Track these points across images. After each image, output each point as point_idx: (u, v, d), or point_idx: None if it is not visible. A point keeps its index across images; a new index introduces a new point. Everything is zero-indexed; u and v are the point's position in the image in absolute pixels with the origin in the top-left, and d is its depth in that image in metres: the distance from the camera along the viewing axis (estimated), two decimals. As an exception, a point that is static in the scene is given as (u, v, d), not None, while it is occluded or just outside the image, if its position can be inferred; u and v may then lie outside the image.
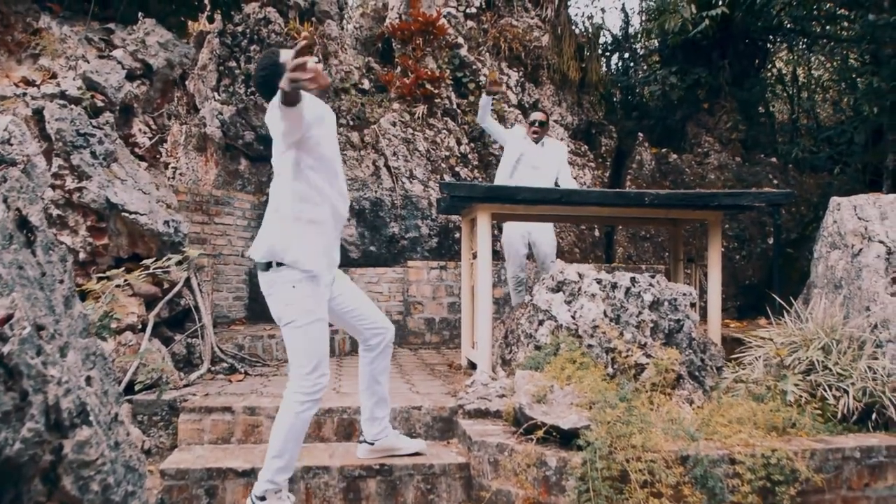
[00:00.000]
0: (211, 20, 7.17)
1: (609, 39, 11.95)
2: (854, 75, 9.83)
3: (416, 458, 3.58)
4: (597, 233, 9.05)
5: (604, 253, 9.20)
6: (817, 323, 4.66)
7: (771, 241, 9.34)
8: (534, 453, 3.28)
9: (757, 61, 11.42)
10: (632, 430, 3.19)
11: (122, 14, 5.44)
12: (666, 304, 4.34)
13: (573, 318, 4.31)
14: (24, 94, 4.20)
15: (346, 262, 7.52)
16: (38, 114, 4.05)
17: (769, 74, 12.79)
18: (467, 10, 8.73)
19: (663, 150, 9.94)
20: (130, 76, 4.55)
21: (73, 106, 4.08)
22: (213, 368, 4.80)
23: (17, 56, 4.84)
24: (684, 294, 4.69)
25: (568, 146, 8.76)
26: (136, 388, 4.02)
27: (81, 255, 4.20)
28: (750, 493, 3.22)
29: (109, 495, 2.38)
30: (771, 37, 10.98)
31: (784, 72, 13.69)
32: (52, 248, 2.88)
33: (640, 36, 11.25)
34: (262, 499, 3.12)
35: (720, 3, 8.64)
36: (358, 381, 3.45)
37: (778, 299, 5.28)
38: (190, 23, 7.43)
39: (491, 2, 8.99)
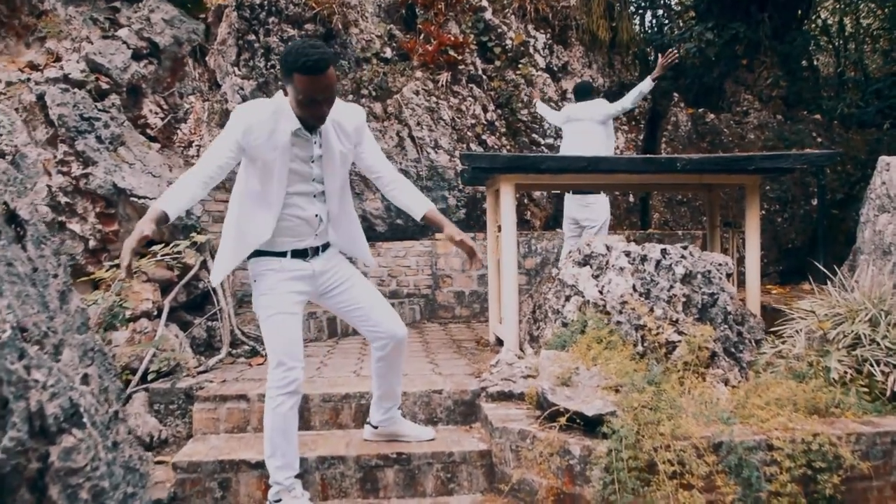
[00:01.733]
0: (227, -7, 7.00)
1: (642, -5, 11.51)
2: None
3: (434, 446, 3.44)
4: (631, 198, 8.77)
5: (639, 219, 8.92)
6: (864, 292, 4.38)
7: (815, 202, 8.94)
8: (556, 441, 3.11)
9: (800, 12, 10.89)
10: (660, 417, 3.00)
11: (131, -9, 5.31)
12: (699, 276, 4.11)
13: (601, 293, 4.10)
14: (28, 80, 4.09)
15: (373, 236, 7.38)
16: (42, 99, 3.94)
17: (813, 26, 12.23)
18: (491, -29, 8.42)
19: (700, 110, 9.55)
20: (137, 56, 4.41)
21: (76, 90, 3.96)
22: (233, 352, 4.71)
23: (24, 39, 4.74)
24: (720, 265, 4.44)
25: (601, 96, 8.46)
26: (150, 377, 3.93)
27: (91, 243, 4.11)
28: (789, 481, 3.01)
29: (103, 500, 2.27)
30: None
31: (830, 22, 13.08)
32: (45, 242, 2.76)
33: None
34: (279, 500, 3.06)
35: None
36: None
37: (820, 266, 5.00)
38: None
39: (516, -39, 8.66)
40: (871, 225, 5.05)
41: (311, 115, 2.83)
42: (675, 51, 6.32)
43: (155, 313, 4.25)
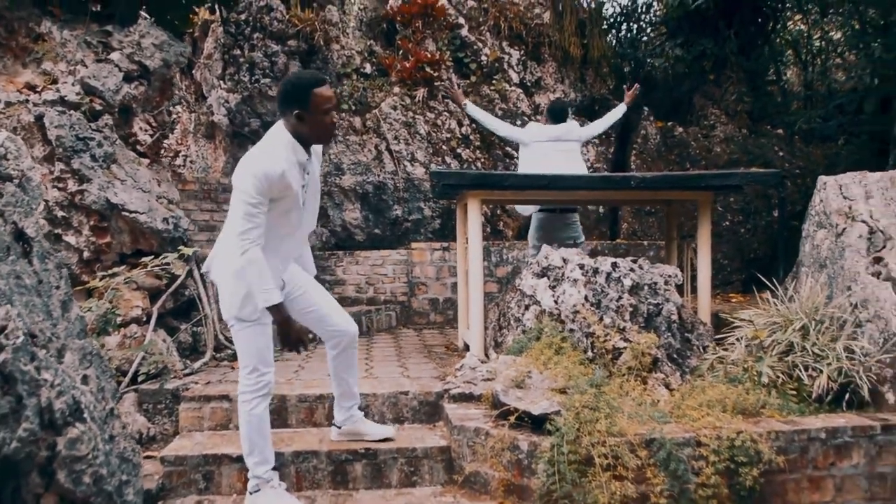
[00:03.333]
0: (213, 11, 7.33)
1: (616, 12, 11.92)
2: (860, 43, 9.72)
3: (400, 442, 3.79)
4: (601, 210, 9.15)
5: (608, 229, 9.31)
6: (802, 303, 4.77)
7: (776, 213, 9.38)
8: (507, 437, 3.47)
9: (769, 27, 11.33)
10: (598, 416, 3.37)
11: (121, 13, 5.62)
12: (646, 288, 4.49)
13: (556, 303, 4.47)
14: (27, 101, 4.41)
15: (352, 245, 7.72)
16: (40, 120, 4.26)
17: (780, 41, 12.66)
18: (468, -10, 8.80)
19: (669, 123, 9.97)
20: (128, 78, 4.74)
21: (72, 112, 4.29)
22: (216, 356, 5.04)
23: (21, 60, 5.05)
24: (669, 276, 4.82)
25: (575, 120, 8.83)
26: (140, 378, 4.26)
27: (86, 254, 4.44)
28: (713, 474, 3.38)
29: (102, 485, 2.61)
30: (779, 3, 10.86)
31: (798, 37, 13.53)
32: (48, 257, 3.10)
33: (644, 8, 11.20)
34: (257, 491, 3.38)
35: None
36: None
37: (764, 279, 5.39)
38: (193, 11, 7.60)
39: (492, -20, 9.05)
40: (810, 240, 5.44)
41: (330, 126, 3.21)
42: (638, 84, 6.72)
43: (144, 319, 4.57)
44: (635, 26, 12.07)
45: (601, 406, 3.44)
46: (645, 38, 11.93)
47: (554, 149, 6.02)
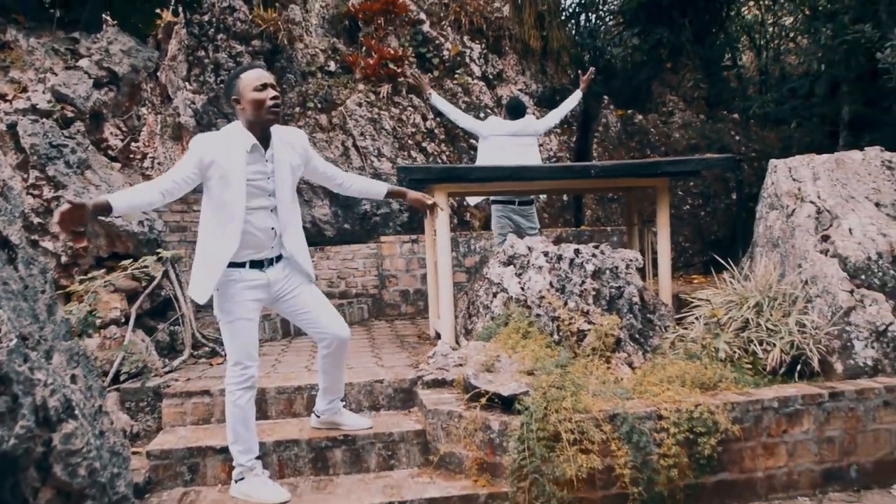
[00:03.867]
0: (176, 13, 7.40)
1: (576, 2, 12.14)
2: (812, 29, 10.03)
3: (377, 428, 3.97)
4: (565, 197, 9.37)
5: (573, 216, 9.53)
6: (757, 281, 5.03)
7: (735, 196, 9.68)
8: (479, 419, 3.66)
9: (724, 14, 11.62)
10: (564, 395, 3.57)
11: (86, 18, 5.69)
12: (608, 272, 4.70)
13: (522, 289, 4.67)
14: (-2, 110, 4.49)
15: (323, 241, 7.85)
16: (12, 128, 4.35)
17: (734, 28, 12.96)
18: (429, -15, 8.96)
19: (629, 111, 10.21)
20: (97, 84, 4.83)
21: (44, 120, 4.38)
22: (195, 353, 5.16)
23: (-12, 68, 5.10)
24: (631, 260, 5.04)
25: (533, 113, 9.03)
26: (122, 377, 4.38)
27: (63, 259, 4.54)
28: (674, 445, 3.60)
29: (96, 478, 2.75)
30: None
31: (752, 23, 13.85)
32: (33, 263, 3.22)
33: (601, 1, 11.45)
34: (241, 479, 3.56)
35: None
36: None
37: (720, 260, 5.64)
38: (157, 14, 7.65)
39: (452, -25, 9.20)
40: (763, 221, 5.70)
41: (264, 102, 3.34)
42: (594, 69, 6.94)
43: (123, 320, 4.68)
44: (594, 16, 12.31)
45: (567, 385, 3.64)
46: (604, 28, 12.17)
47: (511, 143, 6.29)
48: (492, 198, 6.61)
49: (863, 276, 4.70)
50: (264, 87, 3.34)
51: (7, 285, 2.90)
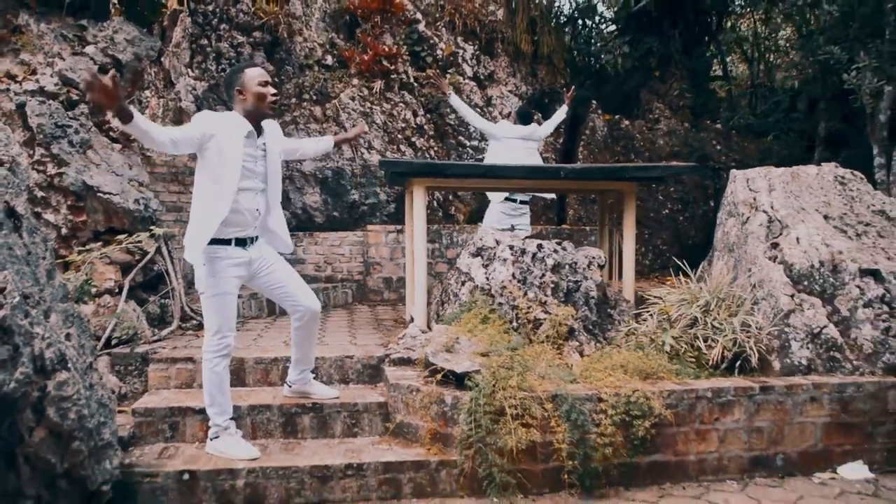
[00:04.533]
0: (182, 2, 7.74)
1: (574, 8, 12.48)
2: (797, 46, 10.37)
3: (343, 398, 4.33)
4: (547, 197, 9.72)
5: (556, 215, 9.89)
6: (710, 283, 5.39)
7: (712, 203, 10.04)
8: (435, 393, 4.03)
9: (715, 26, 11.97)
10: (511, 374, 3.93)
11: (95, 4, 6.03)
12: (567, 267, 5.06)
13: (487, 279, 5.03)
14: (8, 90, 4.84)
15: (312, 227, 8.21)
16: (21, 108, 4.70)
17: (726, 41, 13.30)
18: (427, -13, 9.31)
19: (616, 116, 10.57)
20: (102, 70, 5.17)
21: (51, 101, 4.74)
22: (182, 325, 5.52)
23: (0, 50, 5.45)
24: (593, 257, 5.40)
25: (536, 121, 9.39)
26: (113, 342, 4.74)
27: (63, 231, 4.90)
28: (610, 425, 3.97)
29: (84, 423, 3.12)
30: (722, 7, 11.48)
31: (747, 35, 14.19)
32: (36, 232, 3.58)
33: (598, 7, 11.78)
34: (216, 437, 3.93)
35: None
36: None
37: (678, 261, 6.00)
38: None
39: (450, -24, 9.54)
40: (722, 226, 6.07)
41: (265, 95, 3.79)
42: (575, 89, 7.51)
43: (116, 291, 5.04)
44: (590, 23, 12.65)
45: (515, 366, 4.01)
46: (598, 35, 12.52)
47: (520, 146, 7.04)
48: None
49: (805, 283, 5.05)
50: (266, 83, 3.77)
51: (12, 250, 3.26)
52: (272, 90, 3.83)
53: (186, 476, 3.70)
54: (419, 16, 9.02)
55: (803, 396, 4.39)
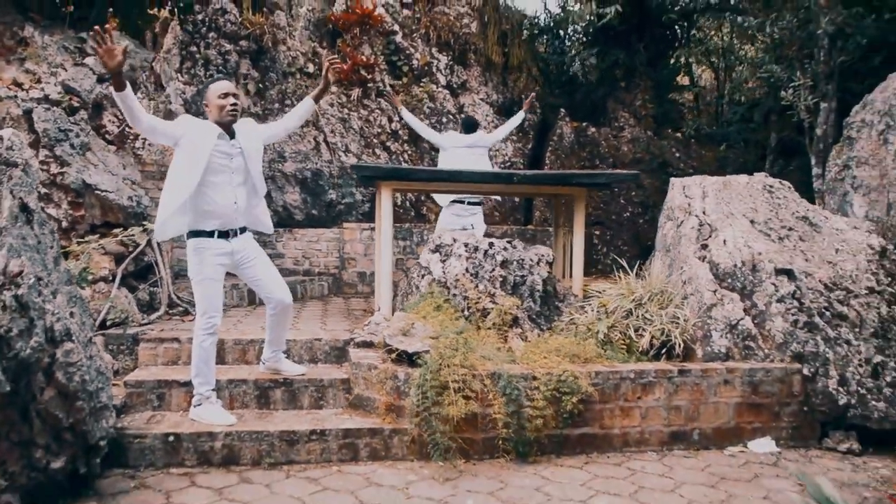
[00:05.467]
0: (173, 13, 8.30)
1: (545, 20, 13.11)
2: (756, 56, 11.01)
3: (311, 375, 4.93)
4: (516, 199, 10.35)
5: (523, 216, 10.51)
6: (649, 280, 6.00)
7: (671, 206, 10.66)
8: (390, 370, 4.63)
9: (679, 40, 12.64)
10: (455, 354, 4.54)
11: (94, 16, 6.61)
12: (514, 263, 5.67)
13: (444, 273, 5.63)
14: (15, 97, 5.41)
15: (291, 224, 8.80)
16: (28, 114, 5.28)
17: (697, 50, 13.94)
18: (405, 0, 9.91)
19: (583, 123, 11.20)
20: (100, 79, 5.76)
21: (54, 108, 5.31)
22: (169, 311, 6.10)
23: (6, 58, 6.02)
24: (542, 255, 6.00)
25: (493, 121, 10.01)
26: (108, 324, 5.32)
27: (64, 224, 5.48)
28: (542, 399, 4.56)
29: (86, 386, 3.71)
30: (685, 23, 12.13)
31: (715, 47, 14.85)
32: (45, 224, 4.16)
33: (569, 20, 12.38)
34: (199, 405, 4.51)
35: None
36: None
37: (620, 260, 6.62)
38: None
39: (427, -10, 10.15)
40: (661, 229, 6.70)
41: (229, 107, 4.40)
42: (535, 95, 8.08)
43: (110, 278, 5.62)
44: (563, 33, 13.28)
45: (459, 347, 4.62)
46: (570, 45, 13.15)
47: (467, 154, 7.53)
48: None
49: (729, 280, 5.68)
50: (226, 95, 4.34)
51: (25, 240, 3.83)
52: (231, 100, 4.41)
53: (171, 438, 4.28)
54: (396, 27, 9.62)
55: (717, 379, 4.98)
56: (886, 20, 7.88)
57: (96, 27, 3.89)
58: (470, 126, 7.81)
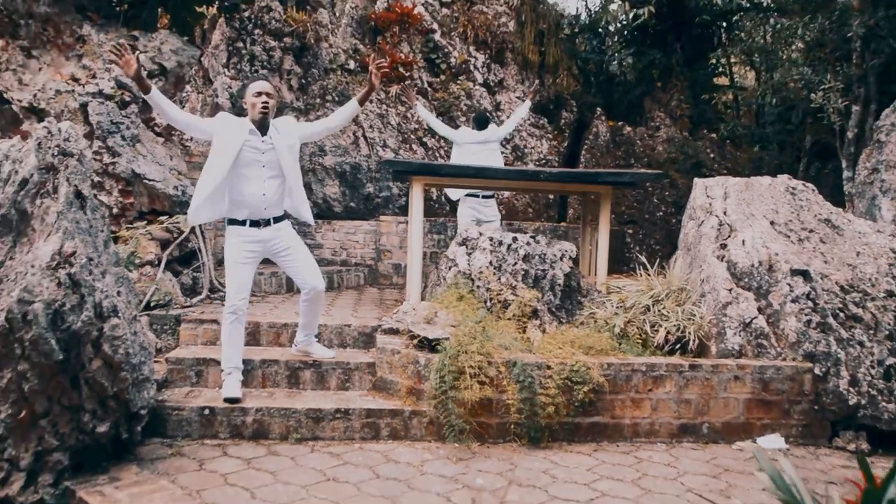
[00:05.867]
0: (221, 11, 8.69)
1: (584, 18, 13.25)
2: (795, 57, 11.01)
3: (339, 358, 5.23)
4: (550, 196, 10.55)
5: (556, 213, 10.70)
6: (669, 277, 6.18)
7: (704, 206, 10.74)
8: (412, 355, 4.91)
9: (718, 40, 12.66)
10: (473, 341, 4.79)
11: (146, 15, 7.00)
12: (536, 257, 5.90)
13: (469, 265, 5.89)
14: (73, 91, 5.81)
15: (331, 215, 9.14)
16: (84, 107, 5.67)
17: (733, 49, 13.93)
18: (444, -1, 10.20)
19: (619, 123, 11.33)
20: (150, 75, 6.13)
21: (108, 101, 5.70)
22: (211, 295, 6.47)
23: (65, 54, 6.43)
24: (565, 251, 6.22)
25: (528, 119, 10.22)
26: (152, 306, 5.70)
27: (114, 210, 5.88)
28: (554, 388, 4.79)
29: (130, 359, 4.06)
30: (724, 23, 12.15)
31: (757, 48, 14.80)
32: (97, 210, 4.53)
33: (604, 20, 12.50)
34: (228, 375, 4.83)
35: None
36: None
37: (643, 258, 6.79)
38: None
39: (467, -11, 10.40)
40: (684, 228, 6.85)
41: (260, 106, 4.73)
42: (539, 85, 8.27)
43: (156, 263, 6.00)
44: (602, 32, 13.40)
45: (477, 335, 4.87)
46: (608, 45, 13.27)
47: (480, 148, 7.74)
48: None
49: (745, 279, 5.82)
50: (259, 94, 4.66)
51: (79, 224, 4.19)
52: (263, 99, 4.73)
53: (207, 411, 4.62)
54: (435, 26, 9.89)
55: (728, 375, 5.13)
56: (923, 23, 7.89)
57: (113, 44, 4.30)
58: (482, 121, 8.00)
